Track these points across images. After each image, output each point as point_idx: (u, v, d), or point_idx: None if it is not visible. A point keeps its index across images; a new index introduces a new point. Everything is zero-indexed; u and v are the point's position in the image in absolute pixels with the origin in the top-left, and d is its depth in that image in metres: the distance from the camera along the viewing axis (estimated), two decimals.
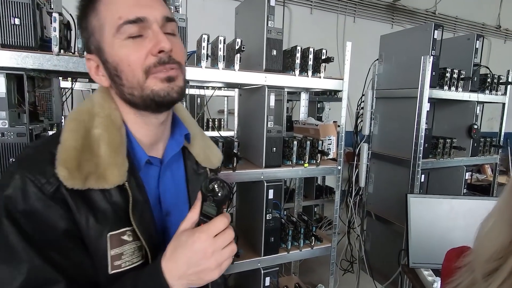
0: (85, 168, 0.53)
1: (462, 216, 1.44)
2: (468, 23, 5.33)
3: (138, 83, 0.55)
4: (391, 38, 2.02)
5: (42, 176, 0.51)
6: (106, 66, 0.56)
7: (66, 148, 0.53)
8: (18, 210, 0.49)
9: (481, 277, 0.51)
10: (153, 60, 0.54)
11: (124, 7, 0.53)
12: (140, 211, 0.57)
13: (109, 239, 0.54)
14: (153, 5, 0.55)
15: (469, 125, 2.00)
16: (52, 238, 0.51)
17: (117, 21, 0.53)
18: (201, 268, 0.50)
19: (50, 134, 0.60)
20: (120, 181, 0.55)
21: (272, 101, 1.38)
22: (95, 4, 0.54)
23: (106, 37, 0.54)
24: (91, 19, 0.55)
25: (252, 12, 1.49)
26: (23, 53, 0.95)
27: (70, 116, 0.58)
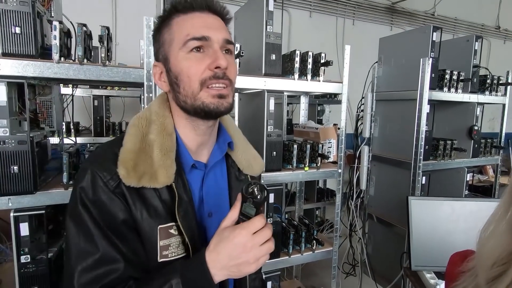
0: (140, 168, 0.61)
1: (463, 218, 1.44)
2: (467, 24, 5.33)
3: (193, 93, 0.62)
4: (390, 40, 2.02)
5: (107, 172, 0.60)
6: (168, 74, 0.65)
7: (126, 150, 0.62)
8: (89, 199, 0.59)
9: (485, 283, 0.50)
10: (209, 74, 0.62)
11: (193, 26, 0.62)
12: (185, 209, 0.64)
13: (159, 231, 0.62)
14: (217, 28, 0.64)
15: (470, 126, 2.00)
16: (113, 225, 0.60)
17: (185, 37, 0.62)
18: (240, 261, 0.55)
19: (118, 136, 0.70)
20: (168, 181, 0.62)
21: (271, 105, 1.39)
22: (170, 21, 0.64)
23: (174, 49, 0.63)
24: (163, 32, 0.65)
25: (251, 17, 1.50)
26: (24, 62, 0.96)
27: (131, 122, 0.67)
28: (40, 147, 1.10)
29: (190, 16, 0.63)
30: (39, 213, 1.00)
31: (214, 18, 0.64)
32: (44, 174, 1.15)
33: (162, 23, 0.66)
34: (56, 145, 1.48)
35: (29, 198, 0.99)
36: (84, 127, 2.74)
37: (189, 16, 0.63)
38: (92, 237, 0.58)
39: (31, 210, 0.99)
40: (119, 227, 0.60)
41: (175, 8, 0.64)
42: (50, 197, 1.03)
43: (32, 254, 0.99)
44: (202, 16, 0.63)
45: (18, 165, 0.95)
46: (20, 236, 0.97)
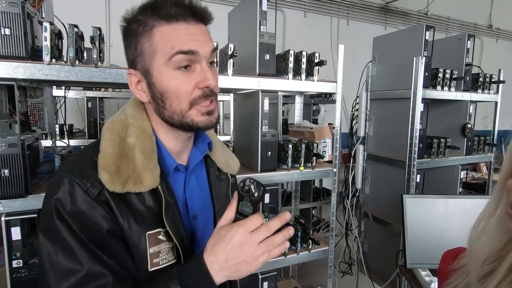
0: (124, 173, 0.58)
1: (458, 216, 1.45)
2: (460, 23, 5.39)
3: (181, 111, 0.60)
4: (383, 39, 2.03)
5: (87, 180, 0.56)
6: (150, 87, 0.61)
7: (105, 155, 0.59)
8: (67, 212, 0.54)
9: (476, 280, 0.51)
10: (198, 93, 0.60)
11: (179, 39, 0.57)
12: (171, 213, 0.62)
13: (148, 238, 0.59)
14: (204, 40, 0.60)
15: (463, 124, 2.02)
16: (97, 237, 0.55)
17: (170, 50, 0.57)
18: (238, 260, 0.53)
19: (91, 143, 0.66)
20: (154, 184, 0.60)
21: (266, 105, 1.39)
22: (151, 30, 0.58)
23: (157, 63, 0.58)
24: (143, 41, 0.59)
25: (244, 17, 1.50)
26: (14, 63, 0.94)
27: (105, 126, 0.64)
28: (31, 150, 1.08)
29: (175, 27, 0.57)
30: (31, 217, 0.99)
31: (198, 27, 0.60)
32: (36, 177, 1.13)
33: (138, 29, 0.59)
34: (49, 148, 1.46)
35: (21, 201, 0.98)
36: (78, 129, 2.72)
37: (174, 26, 0.57)
38: (73, 253, 0.53)
39: (23, 214, 0.97)
40: (104, 238, 0.56)
41: (156, 15, 0.57)
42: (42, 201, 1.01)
43: (24, 259, 0.98)
44: (187, 27, 0.58)
45: (9, 169, 0.93)
46: (12, 240, 0.96)
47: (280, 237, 0.54)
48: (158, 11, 0.57)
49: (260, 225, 0.54)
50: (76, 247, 0.54)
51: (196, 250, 0.68)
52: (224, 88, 1.59)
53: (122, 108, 0.68)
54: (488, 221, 0.52)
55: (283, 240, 0.55)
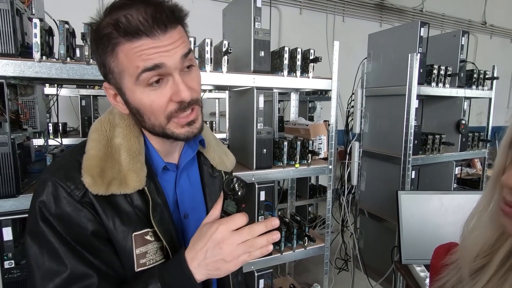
0: (108, 174, 0.57)
1: (452, 211, 1.46)
2: (455, 20, 5.41)
3: (160, 125, 0.59)
4: (378, 36, 2.03)
5: (71, 182, 0.56)
6: (127, 104, 0.59)
7: (89, 157, 0.58)
8: (51, 214, 0.54)
9: (468, 275, 0.51)
10: (174, 106, 0.57)
11: (142, 55, 0.52)
12: (160, 213, 0.61)
13: (134, 239, 0.59)
14: (172, 49, 0.54)
15: (457, 120, 2.03)
16: (82, 238, 0.55)
17: (135, 70, 0.53)
18: (217, 258, 0.53)
19: (78, 143, 0.65)
20: (140, 186, 0.59)
21: (261, 102, 1.38)
22: (115, 48, 0.54)
23: (126, 83, 0.56)
24: (109, 60, 0.55)
25: (239, 14, 1.48)
26: (3, 61, 0.93)
27: (93, 126, 0.63)
28: (22, 148, 1.07)
29: (137, 43, 0.52)
30: (23, 217, 0.97)
31: (166, 37, 0.53)
32: (27, 176, 1.12)
33: (103, 45, 0.54)
34: (41, 147, 1.44)
35: (12, 201, 0.96)
36: (72, 127, 2.69)
37: (136, 43, 0.52)
38: (57, 254, 0.53)
39: (14, 214, 0.96)
40: (89, 240, 0.55)
41: (116, 31, 0.52)
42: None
43: (16, 259, 0.97)
44: (152, 42, 0.52)
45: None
46: (3, 241, 0.94)
47: (263, 240, 0.54)
48: (118, 27, 0.52)
49: (243, 224, 0.53)
50: (61, 249, 0.53)
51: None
52: (219, 85, 1.58)
53: (111, 108, 0.66)
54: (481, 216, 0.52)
55: (265, 243, 0.54)
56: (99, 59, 0.57)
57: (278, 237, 0.55)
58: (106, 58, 0.56)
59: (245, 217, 0.54)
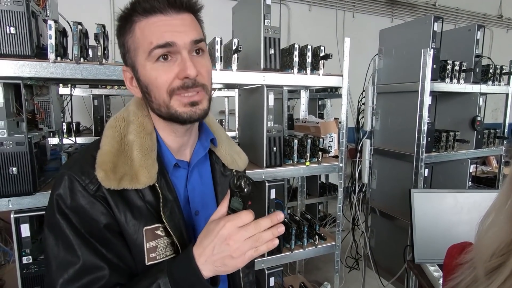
0: (120, 170, 0.59)
1: (467, 210, 1.42)
2: (469, 14, 5.26)
3: (164, 102, 0.60)
4: (390, 32, 1.99)
5: (86, 176, 0.58)
6: (138, 82, 0.63)
7: (103, 152, 0.60)
8: (67, 206, 0.57)
9: (484, 275, 0.50)
10: (178, 83, 0.59)
11: (156, 32, 0.57)
12: (170, 209, 0.62)
13: (145, 233, 0.60)
14: (183, 31, 0.58)
15: (472, 117, 1.98)
16: (95, 231, 0.57)
17: (149, 46, 0.57)
18: (224, 254, 0.53)
19: (95, 140, 0.67)
20: (151, 181, 0.61)
21: (271, 100, 1.38)
22: (132, 26, 0.59)
23: (140, 58, 0.60)
24: (127, 38, 0.60)
25: (248, 12, 1.48)
26: (19, 62, 0.95)
27: (108, 123, 0.66)
28: (38, 147, 1.10)
29: (153, 20, 0.57)
30: (40, 214, 1.00)
31: (179, 17, 0.58)
32: (43, 174, 1.15)
33: (124, 26, 0.60)
34: (56, 146, 1.47)
35: (29, 199, 0.99)
36: (85, 127, 2.74)
37: (151, 20, 0.57)
38: (72, 246, 0.56)
39: (32, 211, 0.99)
40: (102, 233, 0.58)
41: (135, 10, 0.58)
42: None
43: (34, 255, 1.00)
44: (165, 19, 0.57)
45: (17, 166, 0.94)
46: (21, 237, 0.97)
47: (268, 234, 0.54)
48: (136, 6, 0.58)
49: (250, 221, 0.54)
50: (74, 240, 0.56)
51: None
52: (228, 84, 1.58)
53: (126, 105, 0.69)
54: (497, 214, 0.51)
55: (271, 237, 0.54)
56: (120, 40, 0.62)
57: (283, 230, 0.55)
58: (125, 37, 0.60)
59: (251, 214, 0.54)
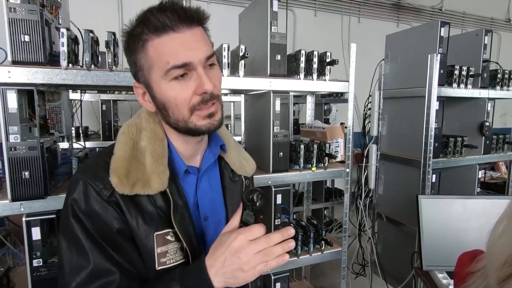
0: (133, 175, 0.61)
1: (475, 216, 1.41)
2: (476, 18, 5.23)
3: (183, 118, 0.61)
4: (396, 37, 2.00)
5: (100, 182, 0.60)
6: (154, 99, 0.63)
7: (117, 158, 0.62)
8: (82, 211, 0.58)
9: (496, 283, 0.49)
10: (197, 99, 0.60)
11: (171, 52, 0.57)
12: (180, 214, 0.64)
13: (155, 238, 0.61)
14: (197, 47, 0.59)
15: (481, 122, 1.96)
16: (108, 235, 0.59)
17: (165, 65, 0.57)
18: (235, 266, 0.53)
19: (108, 146, 0.68)
20: (162, 187, 0.62)
21: (277, 105, 1.38)
22: (145, 44, 0.59)
23: (155, 77, 0.60)
24: (139, 56, 0.60)
25: (255, 18, 1.50)
26: (33, 69, 0.98)
27: (121, 129, 0.67)
28: (50, 152, 1.12)
29: (166, 39, 0.57)
30: (50, 218, 1.02)
31: (190, 32, 0.59)
32: (54, 179, 1.17)
33: (135, 44, 0.60)
34: (66, 150, 1.50)
35: (40, 202, 1.01)
36: (93, 131, 2.78)
37: (164, 39, 0.57)
38: (84, 250, 0.57)
39: (43, 214, 1.01)
40: (114, 237, 0.59)
41: (145, 28, 0.58)
42: (61, 202, 1.02)
43: (44, 258, 1.01)
44: (178, 36, 0.57)
45: (29, 171, 0.97)
46: (32, 240, 0.99)
47: (279, 249, 0.54)
48: (147, 24, 0.57)
49: (261, 235, 0.54)
50: (87, 244, 0.57)
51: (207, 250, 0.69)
52: (235, 89, 1.59)
53: (138, 112, 0.71)
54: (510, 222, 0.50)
55: (282, 252, 0.54)
56: (130, 58, 0.62)
57: (293, 246, 0.56)
58: (137, 55, 0.60)
59: (263, 228, 0.55)
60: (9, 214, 0.99)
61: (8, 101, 0.94)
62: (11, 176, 0.96)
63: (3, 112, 0.94)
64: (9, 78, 0.95)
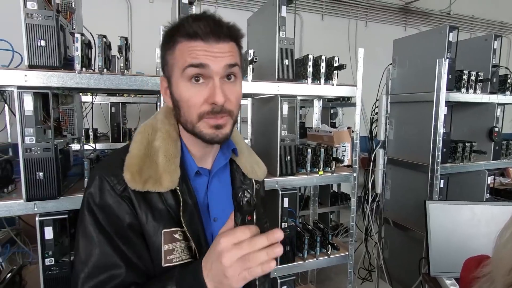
0: (145, 173, 0.63)
1: (485, 223, 1.39)
2: (485, 22, 5.17)
3: (191, 122, 0.64)
4: (404, 42, 2.00)
5: (114, 177, 0.63)
6: (171, 95, 0.67)
7: (131, 156, 0.65)
8: (96, 204, 0.61)
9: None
10: (207, 108, 0.62)
11: (192, 54, 0.61)
12: (190, 214, 0.65)
13: (163, 235, 0.63)
14: (218, 56, 0.61)
15: (490, 127, 1.94)
16: (119, 229, 0.61)
17: (183, 64, 0.61)
18: (219, 271, 0.50)
19: (125, 144, 0.71)
20: (172, 186, 0.64)
21: (285, 110, 1.40)
22: (174, 44, 0.63)
23: (175, 74, 0.64)
24: (168, 53, 0.65)
25: (263, 23, 1.52)
26: (48, 73, 1.01)
27: (138, 130, 0.71)
28: (63, 154, 1.14)
29: (192, 44, 0.61)
30: (62, 218, 1.04)
31: (218, 46, 0.61)
32: (66, 179, 1.19)
33: (168, 42, 0.65)
34: (77, 151, 1.53)
35: (53, 203, 1.03)
36: (101, 133, 2.83)
37: (191, 44, 0.61)
38: (94, 243, 0.59)
39: (55, 214, 1.03)
40: (125, 231, 0.61)
41: (179, 32, 0.62)
42: (73, 202, 1.07)
43: (56, 257, 1.03)
44: (204, 46, 0.61)
45: (43, 172, 0.99)
46: (45, 239, 1.01)
47: (263, 255, 0.48)
48: (181, 29, 0.62)
49: (245, 238, 0.49)
50: (98, 237, 0.60)
51: None
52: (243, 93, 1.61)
53: (155, 114, 0.74)
54: None
55: (266, 258, 0.49)
56: (162, 53, 0.68)
57: (280, 252, 0.50)
58: (166, 52, 0.65)
59: (248, 231, 0.50)
60: (23, 213, 1.02)
61: (25, 104, 0.97)
62: (26, 177, 0.98)
63: (19, 114, 0.97)
64: (26, 82, 0.98)
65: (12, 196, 1.06)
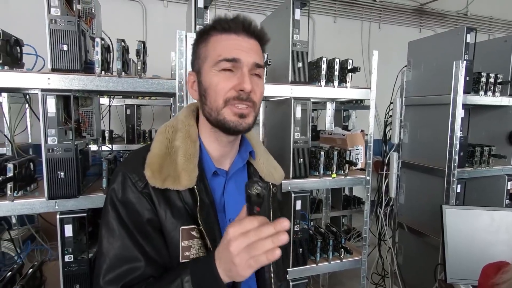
0: (165, 171, 0.66)
1: (505, 229, 1.35)
2: (504, 23, 5.02)
3: (217, 108, 0.67)
4: (420, 43, 1.97)
5: (136, 174, 0.66)
6: (199, 85, 0.71)
7: (152, 154, 0.68)
8: (118, 199, 0.65)
9: None
10: (233, 94, 0.66)
11: (226, 48, 0.66)
12: (206, 212, 0.67)
13: (181, 232, 0.66)
14: (249, 52, 0.67)
15: (510, 131, 1.88)
16: (139, 225, 0.64)
17: (217, 57, 0.66)
18: (228, 259, 0.52)
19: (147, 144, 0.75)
20: (190, 184, 0.67)
21: (298, 112, 1.40)
22: (208, 38, 0.69)
23: (206, 65, 0.68)
24: (201, 47, 0.70)
25: (277, 26, 1.52)
26: (70, 76, 1.05)
27: (159, 129, 0.74)
28: (82, 154, 1.18)
29: (226, 37, 0.66)
30: (81, 216, 1.07)
31: (249, 41, 0.67)
32: (85, 179, 1.23)
33: (201, 37, 0.70)
34: (95, 152, 1.58)
35: (73, 201, 1.07)
36: (117, 134, 2.89)
37: (225, 37, 0.67)
38: (115, 236, 0.63)
39: (75, 212, 1.07)
40: (145, 227, 0.64)
41: (214, 27, 0.68)
42: (91, 201, 1.10)
43: (74, 254, 1.07)
44: (237, 39, 0.66)
45: (65, 171, 1.03)
46: (65, 237, 1.05)
47: (268, 243, 0.49)
48: (216, 25, 0.68)
49: (252, 228, 0.51)
50: (119, 231, 0.63)
51: None
52: None
53: (176, 115, 0.77)
54: None
55: (271, 246, 0.49)
56: (194, 48, 0.72)
57: (286, 239, 0.50)
58: (199, 45, 0.70)
59: (255, 220, 0.51)
60: (44, 211, 1.06)
61: (48, 106, 1.01)
62: (48, 176, 1.02)
63: (43, 115, 1.01)
64: (49, 85, 1.03)
65: (34, 194, 1.10)
